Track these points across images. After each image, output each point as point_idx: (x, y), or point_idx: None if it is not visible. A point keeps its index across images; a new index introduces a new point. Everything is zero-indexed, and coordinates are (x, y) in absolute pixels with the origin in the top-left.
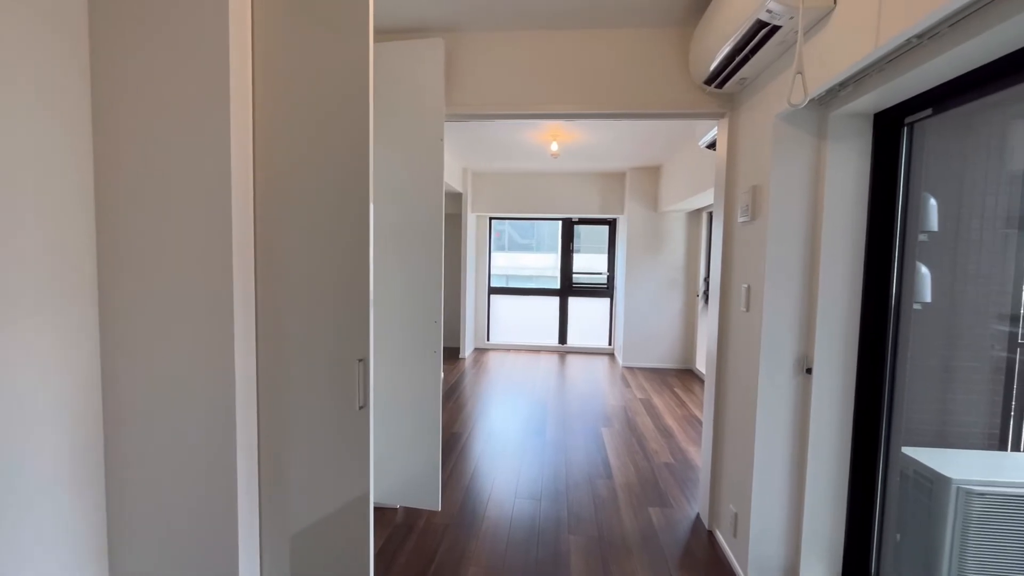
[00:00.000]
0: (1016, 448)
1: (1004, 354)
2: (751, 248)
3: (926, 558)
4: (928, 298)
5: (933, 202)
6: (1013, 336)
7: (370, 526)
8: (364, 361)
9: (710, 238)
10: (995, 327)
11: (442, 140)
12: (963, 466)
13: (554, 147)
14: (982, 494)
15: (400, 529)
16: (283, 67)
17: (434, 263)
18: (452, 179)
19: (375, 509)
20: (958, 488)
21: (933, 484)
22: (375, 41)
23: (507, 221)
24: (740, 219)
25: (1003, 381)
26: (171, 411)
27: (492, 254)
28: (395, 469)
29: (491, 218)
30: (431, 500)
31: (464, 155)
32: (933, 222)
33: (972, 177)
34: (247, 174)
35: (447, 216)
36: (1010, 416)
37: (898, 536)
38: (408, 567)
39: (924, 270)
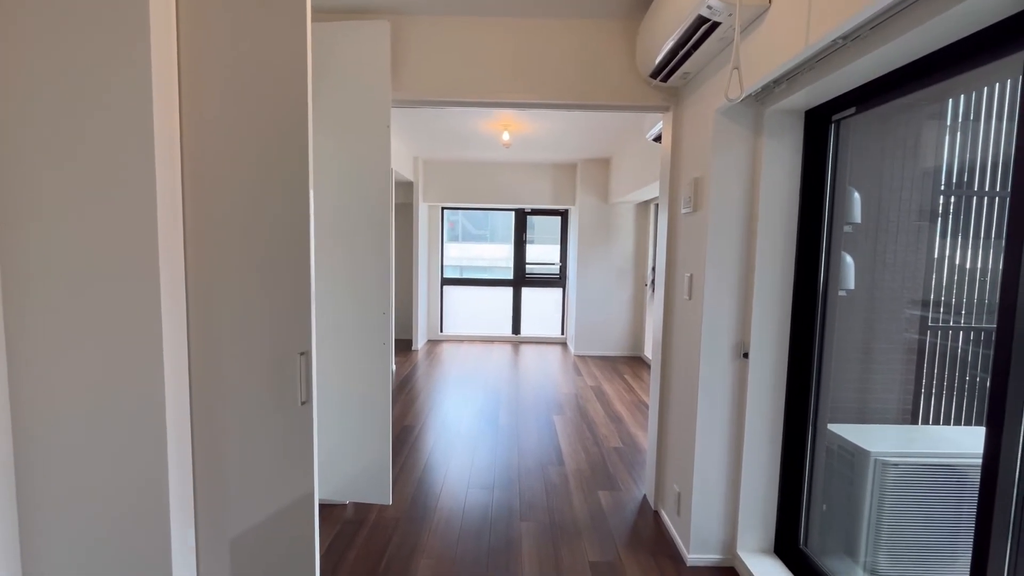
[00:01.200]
0: (926, 422)
1: (916, 336)
2: (693, 238)
3: (848, 524)
4: (852, 285)
5: (857, 196)
6: (924, 320)
7: (315, 525)
8: (306, 354)
9: (657, 229)
10: (908, 312)
11: (388, 126)
12: (880, 440)
13: (506, 136)
14: (896, 464)
15: (350, 525)
16: (211, 47)
17: (382, 253)
18: (402, 167)
19: (322, 506)
20: (876, 460)
21: (854, 457)
22: (314, 21)
23: (460, 211)
24: (683, 210)
25: (915, 361)
26: (91, 412)
27: (445, 245)
28: (344, 464)
29: (443, 208)
30: (382, 494)
31: (415, 143)
32: (857, 214)
33: (890, 173)
34: (173, 162)
35: (398, 206)
36: (920, 393)
37: (824, 506)
38: (358, 563)
39: (848, 259)
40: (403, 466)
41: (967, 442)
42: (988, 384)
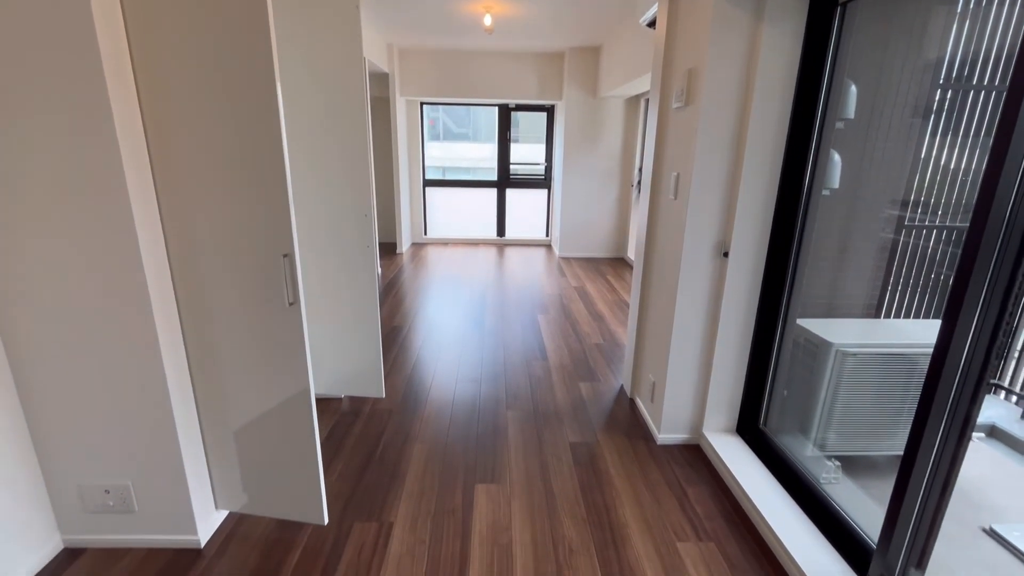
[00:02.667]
0: (888, 316)
1: (891, 236)
2: (683, 135)
3: (804, 406)
4: (836, 185)
5: (854, 89)
6: (901, 219)
7: (313, 416)
8: (289, 256)
9: (646, 126)
10: (888, 211)
11: (358, 7)
12: (844, 333)
13: (488, 20)
14: (855, 354)
15: (346, 416)
16: None
17: (360, 151)
18: (376, 57)
19: (319, 400)
20: (837, 350)
21: (818, 348)
22: None
23: (440, 107)
24: (674, 105)
25: (886, 259)
26: (81, 333)
27: (426, 144)
28: (337, 362)
29: (422, 103)
30: (375, 388)
31: (388, 28)
32: (851, 109)
33: (891, 65)
34: (122, 66)
35: (374, 100)
36: (887, 290)
37: (785, 392)
38: (356, 449)
39: (836, 158)
40: (394, 363)
41: (921, 333)
42: (951, 280)
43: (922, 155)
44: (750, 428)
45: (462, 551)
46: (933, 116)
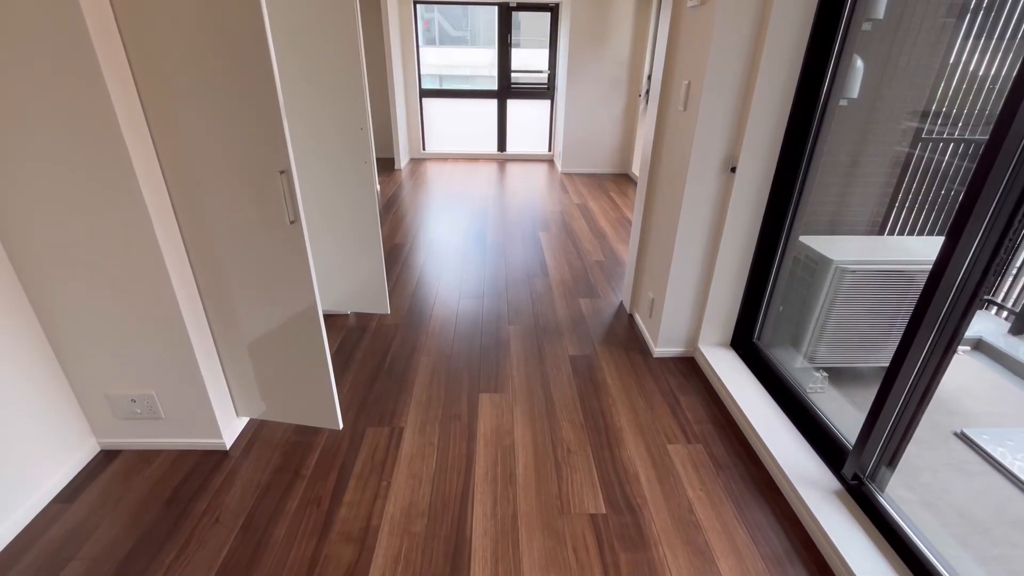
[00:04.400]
0: (893, 233)
1: (906, 149)
2: (696, 38)
3: (799, 320)
4: (855, 94)
5: None
6: (919, 132)
7: (322, 330)
8: (286, 173)
9: (657, 27)
10: (906, 123)
11: None
12: (845, 250)
13: None
14: (854, 271)
15: (354, 331)
16: None
17: (351, 60)
18: None
19: (326, 316)
20: (836, 267)
21: (818, 265)
22: None
23: (436, 7)
24: (690, 3)
25: (897, 175)
26: (91, 266)
27: (421, 49)
28: (341, 280)
29: (416, 1)
30: (380, 304)
31: None
32: (881, 8)
33: None
34: None
35: None
36: (894, 206)
37: (781, 307)
38: (365, 361)
39: (859, 63)
40: (397, 280)
41: (922, 250)
42: (963, 193)
43: (951, 60)
44: (744, 342)
45: (468, 451)
46: (969, 15)
